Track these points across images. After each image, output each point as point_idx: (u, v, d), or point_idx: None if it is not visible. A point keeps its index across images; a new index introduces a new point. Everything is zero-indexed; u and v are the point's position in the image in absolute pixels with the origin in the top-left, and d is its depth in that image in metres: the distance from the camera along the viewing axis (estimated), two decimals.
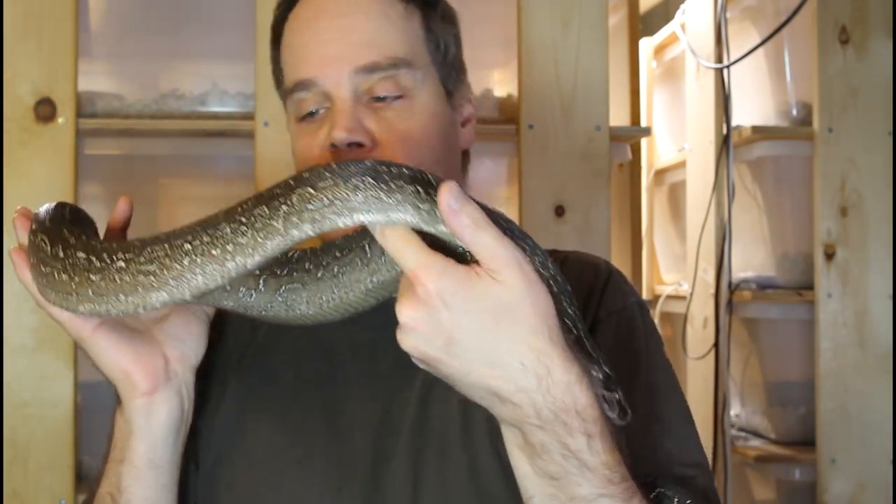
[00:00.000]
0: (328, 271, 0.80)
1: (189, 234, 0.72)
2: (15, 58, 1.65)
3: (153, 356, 0.80)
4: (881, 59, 1.98)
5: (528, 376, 0.65)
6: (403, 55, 0.90)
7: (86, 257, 0.74)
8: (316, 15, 0.91)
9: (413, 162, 0.86)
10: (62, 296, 0.75)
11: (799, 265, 2.09)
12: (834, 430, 1.96)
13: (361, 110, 0.88)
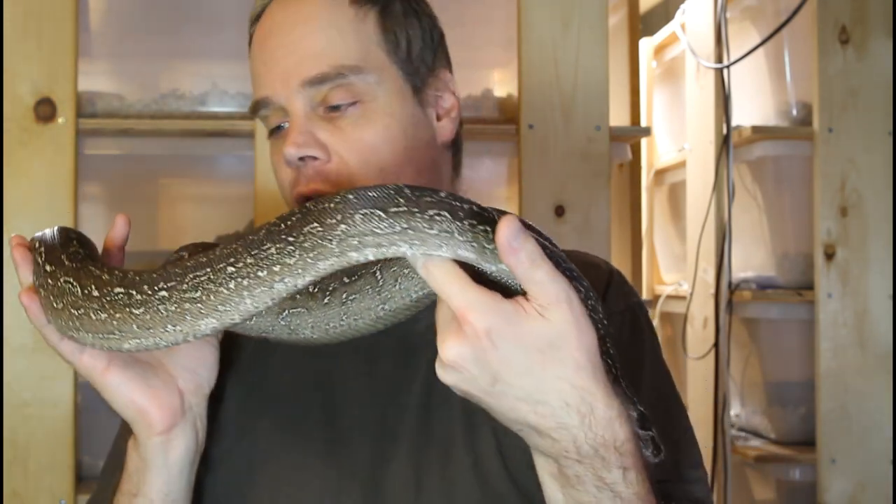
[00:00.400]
0: (335, 297, 0.77)
1: (231, 256, 0.68)
2: (15, 58, 1.65)
3: (168, 392, 0.78)
4: (881, 59, 1.98)
5: (571, 414, 0.65)
6: (352, 62, 0.89)
7: (124, 292, 0.70)
8: (267, 33, 0.91)
9: (371, 167, 0.87)
10: (101, 336, 0.71)
11: (799, 265, 2.09)
12: (834, 430, 1.96)
13: (315, 122, 0.88)
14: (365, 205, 0.65)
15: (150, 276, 0.71)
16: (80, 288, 0.72)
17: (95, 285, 0.72)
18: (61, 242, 0.77)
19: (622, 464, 0.66)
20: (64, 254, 0.76)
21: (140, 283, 0.71)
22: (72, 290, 0.72)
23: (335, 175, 0.88)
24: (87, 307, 0.71)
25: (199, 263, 0.70)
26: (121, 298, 0.70)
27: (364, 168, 0.88)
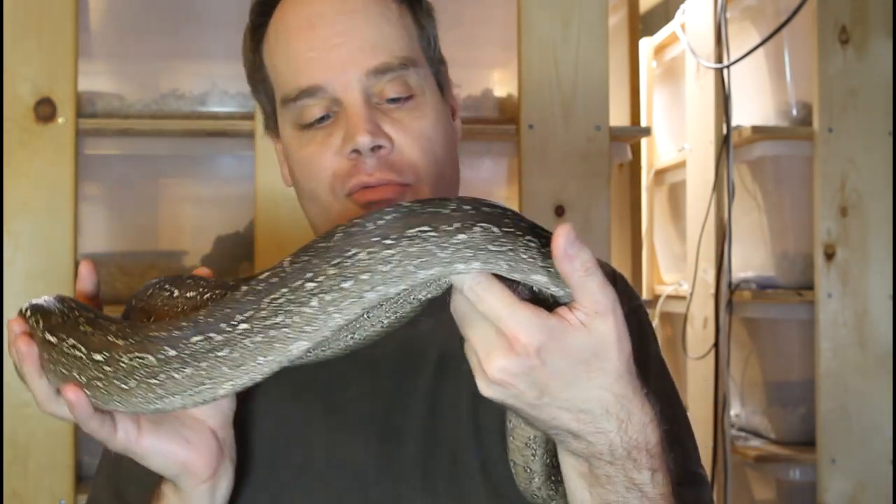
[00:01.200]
0: None
1: (306, 270, 0.63)
2: (15, 58, 1.65)
3: (205, 437, 0.75)
4: (881, 59, 1.98)
5: (610, 420, 0.66)
6: (408, 54, 0.89)
7: (203, 338, 0.65)
8: (312, 20, 0.88)
9: (429, 159, 0.88)
10: (192, 392, 0.66)
11: (799, 265, 2.09)
12: (834, 430, 1.96)
13: (375, 113, 0.87)
14: (483, 218, 0.62)
15: (222, 313, 0.65)
16: (150, 355, 0.65)
17: (168, 345, 0.65)
18: (68, 317, 0.69)
19: (651, 465, 0.68)
20: (94, 330, 0.68)
21: (215, 322, 0.65)
22: (142, 363, 0.66)
23: (399, 164, 0.87)
24: (167, 370, 0.65)
25: (271, 285, 0.64)
26: (201, 346, 0.65)
27: (424, 159, 0.88)
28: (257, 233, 1.71)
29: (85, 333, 0.68)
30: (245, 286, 0.65)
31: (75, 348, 0.67)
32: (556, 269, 0.63)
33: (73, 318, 0.69)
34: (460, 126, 0.99)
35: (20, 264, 1.64)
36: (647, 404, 0.68)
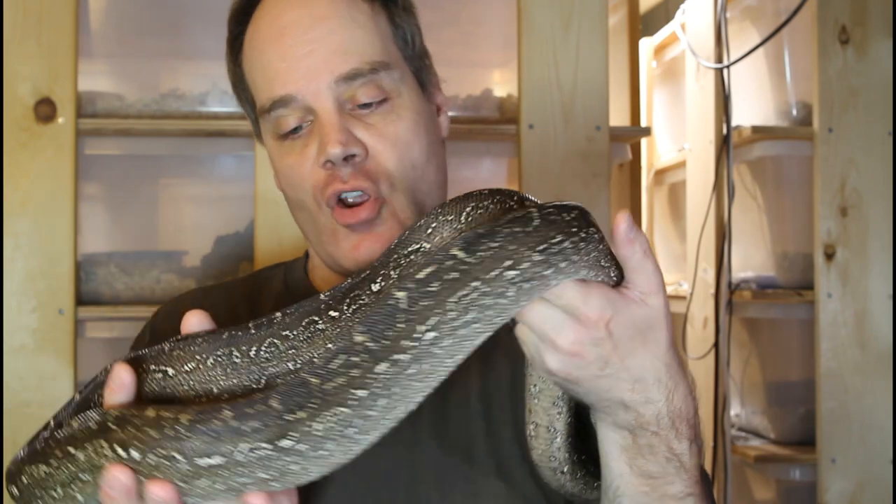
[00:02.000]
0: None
1: (504, 258, 0.60)
2: (15, 58, 1.65)
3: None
4: (881, 59, 1.98)
5: (660, 389, 0.70)
6: (380, 57, 0.88)
7: (390, 364, 0.60)
8: (282, 30, 0.88)
9: (406, 163, 0.88)
10: (384, 421, 0.63)
11: (799, 265, 2.09)
12: (834, 430, 1.96)
13: (348, 120, 0.87)
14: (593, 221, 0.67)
15: (396, 329, 0.60)
16: (342, 407, 0.60)
17: (355, 388, 0.61)
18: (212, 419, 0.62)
19: (689, 436, 0.72)
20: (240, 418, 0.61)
21: (395, 341, 0.60)
22: (337, 419, 0.61)
23: (374, 172, 0.87)
24: (361, 412, 0.61)
25: (454, 283, 0.60)
26: (390, 372, 0.60)
27: (400, 164, 0.88)
28: (257, 233, 1.71)
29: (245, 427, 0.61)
30: (403, 292, 0.60)
31: (258, 449, 0.61)
32: (617, 251, 0.68)
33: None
34: (447, 122, 0.99)
35: (20, 264, 1.64)
36: (687, 375, 0.72)
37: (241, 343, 0.73)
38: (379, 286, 0.72)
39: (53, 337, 1.64)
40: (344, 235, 0.88)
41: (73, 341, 1.65)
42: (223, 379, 0.72)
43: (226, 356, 0.73)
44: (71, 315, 1.65)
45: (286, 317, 0.73)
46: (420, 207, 0.90)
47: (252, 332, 0.73)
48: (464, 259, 0.60)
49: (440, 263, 0.61)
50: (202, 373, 0.73)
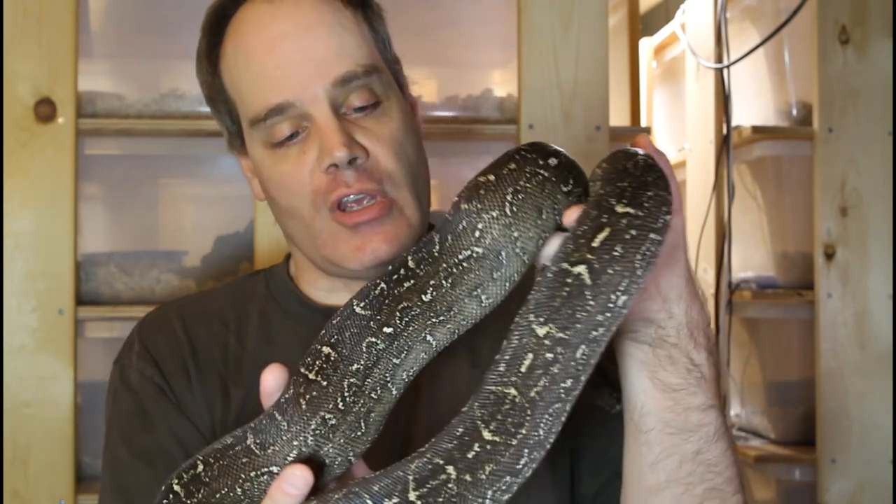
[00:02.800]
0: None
1: (634, 250, 0.60)
2: (15, 58, 1.65)
3: None
4: (881, 59, 1.98)
5: (680, 304, 0.72)
6: (370, 61, 0.89)
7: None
8: (273, 40, 0.88)
9: (402, 165, 0.88)
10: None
11: (799, 265, 2.09)
12: (834, 430, 1.96)
13: (346, 125, 0.87)
14: None
15: (602, 299, 0.60)
16: (558, 403, 0.61)
17: (549, 391, 0.60)
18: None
19: (707, 346, 0.74)
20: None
21: (597, 311, 0.60)
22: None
23: (377, 173, 0.87)
24: (571, 398, 0.62)
25: (635, 241, 0.61)
26: (586, 353, 0.60)
27: (398, 164, 0.88)
28: (257, 233, 1.71)
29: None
30: (582, 266, 0.59)
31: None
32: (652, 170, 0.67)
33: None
34: (422, 122, 1.00)
35: (20, 264, 1.64)
36: (700, 289, 0.75)
37: (326, 403, 0.68)
38: (431, 296, 0.69)
39: (53, 337, 1.64)
40: (345, 237, 0.88)
41: (73, 341, 1.65)
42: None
43: (321, 423, 0.68)
44: (71, 315, 1.65)
45: (340, 347, 0.69)
46: (420, 202, 0.91)
47: (323, 384, 0.68)
48: (636, 214, 0.61)
49: (613, 225, 0.60)
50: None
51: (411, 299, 0.69)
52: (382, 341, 0.69)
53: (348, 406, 0.68)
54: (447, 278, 0.69)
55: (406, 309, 0.69)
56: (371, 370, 0.69)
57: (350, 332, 0.70)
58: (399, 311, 0.69)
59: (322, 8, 0.89)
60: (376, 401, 0.70)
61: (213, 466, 0.68)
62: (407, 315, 0.69)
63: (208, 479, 0.68)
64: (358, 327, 0.69)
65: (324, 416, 0.68)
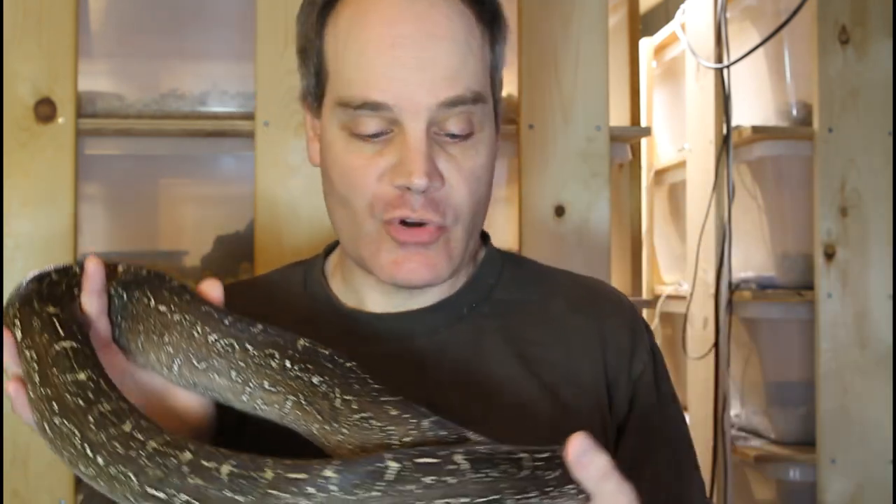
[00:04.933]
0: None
1: (443, 490, 0.60)
2: (15, 58, 1.65)
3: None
4: (881, 59, 1.98)
5: None
6: (481, 88, 0.86)
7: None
8: (395, 39, 0.84)
9: (473, 199, 0.87)
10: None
11: (799, 265, 2.09)
12: (834, 430, 1.96)
13: (433, 148, 0.85)
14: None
15: (382, 497, 0.61)
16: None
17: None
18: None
19: None
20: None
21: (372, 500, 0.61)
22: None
23: (444, 204, 0.85)
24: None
25: (451, 487, 0.61)
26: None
27: (468, 200, 0.87)
28: (257, 233, 1.71)
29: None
30: (397, 464, 0.60)
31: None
32: (573, 474, 0.64)
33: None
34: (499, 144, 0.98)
35: (20, 264, 1.64)
36: None
37: (209, 324, 0.77)
38: (341, 401, 0.73)
39: None
40: (388, 249, 0.86)
41: None
42: (176, 339, 0.77)
43: (189, 324, 0.77)
44: None
45: (261, 333, 0.77)
46: (468, 241, 0.90)
47: (225, 323, 0.77)
48: (465, 470, 0.61)
49: (441, 462, 0.61)
50: (163, 321, 0.77)
51: (330, 378, 0.75)
52: (277, 363, 0.77)
53: (215, 346, 0.77)
54: (354, 386, 0.75)
55: (321, 383, 0.76)
56: (250, 364, 0.77)
57: (275, 337, 0.77)
58: (312, 371, 0.76)
59: (455, 20, 0.85)
60: (224, 374, 0.77)
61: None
62: (314, 377, 0.76)
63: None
64: (282, 341, 0.77)
65: (198, 324, 0.77)
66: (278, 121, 1.67)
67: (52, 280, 0.77)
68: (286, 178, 1.66)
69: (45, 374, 0.69)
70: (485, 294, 0.95)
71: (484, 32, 0.88)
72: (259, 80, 1.67)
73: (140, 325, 0.78)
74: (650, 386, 0.93)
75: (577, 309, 0.95)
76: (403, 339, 0.91)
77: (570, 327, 0.93)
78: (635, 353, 0.93)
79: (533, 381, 0.90)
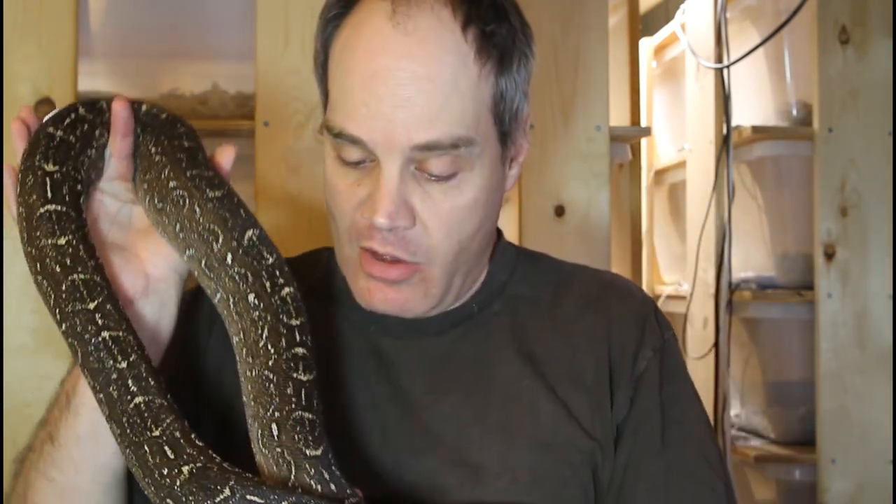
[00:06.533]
0: None
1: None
2: (15, 58, 1.65)
3: (133, 272, 0.81)
4: (881, 59, 1.98)
5: None
6: (467, 133, 0.82)
7: None
8: (376, 73, 0.81)
9: (452, 240, 0.85)
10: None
11: (799, 265, 2.09)
12: (834, 430, 1.96)
13: (408, 185, 0.83)
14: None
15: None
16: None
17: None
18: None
19: None
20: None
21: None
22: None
23: (415, 244, 0.84)
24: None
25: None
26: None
27: (445, 241, 0.85)
28: None
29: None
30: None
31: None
32: None
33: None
34: (518, 171, 0.95)
35: (20, 264, 1.64)
36: None
37: (175, 170, 0.79)
38: (263, 342, 0.76)
39: (53, 337, 1.63)
40: (363, 276, 0.87)
41: None
42: (152, 178, 0.79)
43: (162, 165, 0.79)
44: None
45: (214, 202, 0.81)
46: (451, 278, 0.88)
47: (187, 175, 0.79)
48: None
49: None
50: (150, 160, 0.80)
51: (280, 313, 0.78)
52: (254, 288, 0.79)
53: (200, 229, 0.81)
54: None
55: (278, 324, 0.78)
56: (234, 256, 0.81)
57: (262, 258, 0.80)
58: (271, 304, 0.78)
59: (444, 59, 0.81)
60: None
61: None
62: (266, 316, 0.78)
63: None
64: (264, 265, 0.80)
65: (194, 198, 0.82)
66: (278, 121, 1.66)
67: (72, 121, 0.84)
68: (286, 178, 1.66)
69: (31, 235, 0.74)
70: (497, 291, 0.95)
71: (483, 68, 0.84)
72: (259, 80, 1.67)
73: (137, 162, 0.81)
74: (653, 386, 0.92)
75: (587, 306, 0.94)
76: (412, 336, 0.91)
77: (578, 326, 0.93)
78: (640, 351, 0.92)
79: (537, 380, 0.89)
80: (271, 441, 0.71)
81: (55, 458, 0.83)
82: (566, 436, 0.87)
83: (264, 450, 0.72)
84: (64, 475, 0.82)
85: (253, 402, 0.74)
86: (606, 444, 0.88)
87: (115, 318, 0.73)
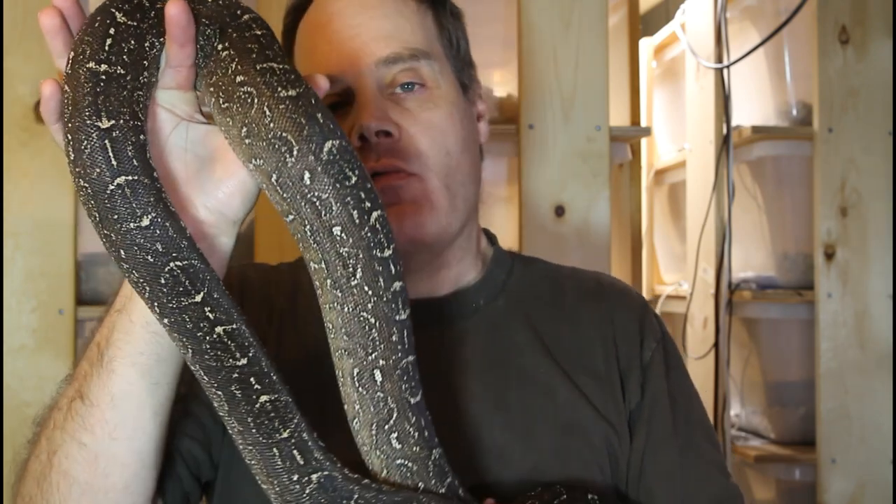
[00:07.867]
0: None
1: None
2: (15, 58, 1.65)
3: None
4: (881, 59, 1.98)
5: None
6: (422, 46, 0.91)
7: None
8: (330, 16, 0.92)
9: (439, 148, 0.90)
10: None
11: (799, 265, 2.09)
12: (834, 430, 1.96)
13: (386, 102, 0.89)
14: None
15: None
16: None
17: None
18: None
19: None
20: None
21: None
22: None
23: (406, 152, 0.89)
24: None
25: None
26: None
27: (433, 148, 0.90)
28: (257, 233, 1.71)
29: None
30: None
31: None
32: None
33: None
34: (487, 129, 1.02)
35: (20, 264, 1.64)
36: None
37: (243, 63, 0.66)
38: (356, 279, 0.68)
39: (53, 337, 1.64)
40: None
41: (73, 341, 1.65)
42: (218, 77, 0.67)
43: (229, 59, 0.67)
44: (71, 315, 1.65)
45: (286, 110, 0.64)
46: (453, 196, 0.91)
47: (257, 68, 0.65)
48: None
49: None
50: (217, 58, 0.68)
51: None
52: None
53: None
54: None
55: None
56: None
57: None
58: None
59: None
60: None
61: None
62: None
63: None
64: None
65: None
66: None
67: (114, 39, 0.63)
68: None
69: (106, 218, 0.61)
70: (498, 288, 0.98)
71: (420, 6, 0.93)
72: None
73: (205, 68, 0.68)
74: (660, 374, 0.95)
75: (587, 300, 0.98)
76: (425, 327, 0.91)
77: (583, 317, 0.96)
78: (644, 341, 0.95)
79: (553, 366, 0.92)
80: (372, 385, 0.70)
81: (86, 418, 0.74)
82: (585, 419, 0.90)
83: (361, 389, 0.70)
84: (97, 441, 0.73)
85: (346, 337, 0.69)
86: (620, 428, 0.91)
87: (225, 308, 0.64)
